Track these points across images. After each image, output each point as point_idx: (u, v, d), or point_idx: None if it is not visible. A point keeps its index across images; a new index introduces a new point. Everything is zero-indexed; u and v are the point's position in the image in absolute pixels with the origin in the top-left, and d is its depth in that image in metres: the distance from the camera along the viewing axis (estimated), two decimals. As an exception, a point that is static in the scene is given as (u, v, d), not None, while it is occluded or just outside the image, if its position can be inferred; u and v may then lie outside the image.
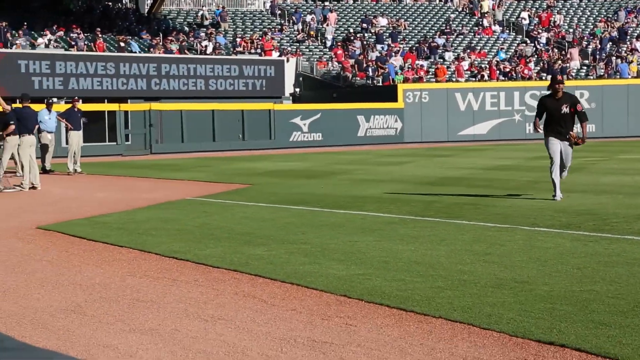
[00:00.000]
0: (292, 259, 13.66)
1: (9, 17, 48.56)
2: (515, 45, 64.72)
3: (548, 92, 21.70)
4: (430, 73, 59.26)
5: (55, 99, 36.23)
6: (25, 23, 50.96)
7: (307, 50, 61.98)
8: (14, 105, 29.52)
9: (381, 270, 12.48)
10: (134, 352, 8.69)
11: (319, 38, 63.98)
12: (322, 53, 62.07)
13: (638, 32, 65.26)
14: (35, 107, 31.36)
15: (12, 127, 27.10)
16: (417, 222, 17.74)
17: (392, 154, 44.21)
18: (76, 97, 38.23)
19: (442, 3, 72.35)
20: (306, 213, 20.01)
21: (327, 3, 69.90)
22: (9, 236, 17.67)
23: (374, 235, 15.98)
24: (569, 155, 20.73)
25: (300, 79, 58.10)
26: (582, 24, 68.07)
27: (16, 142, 28.12)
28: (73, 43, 51.54)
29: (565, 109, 20.26)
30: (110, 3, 62.80)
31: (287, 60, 57.26)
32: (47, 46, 49.86)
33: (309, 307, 10.47)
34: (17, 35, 49.44)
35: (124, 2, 64.14)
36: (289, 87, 56.27)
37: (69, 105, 36.14)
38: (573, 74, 58.75)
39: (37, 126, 30.20)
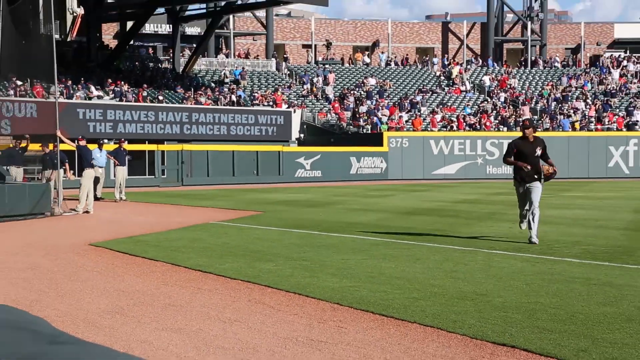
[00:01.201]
0: (295, 273, 13.67)
1: (70, 74, 48.68)
2: (479, 102, 64.91)
3: (520, 136, 18.61)
4: (409, 123, 59.39)
5: (105, 140, 36.30)
6: (83, 79, 51.11)
7: (311, 103, 62.17)
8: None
9: (367, 283, 12.51)
10: (165, 346, 8.69)
11: (320, 94, 64.12)
12: (322, 106, 62.24)
13: (577, 94, 65.48)
14: (90, 146, 31.54)
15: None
16: (397, 244, 17.76)
17: (378, 188, 44.25)
18: (122, 139, 38.38)
19: (420, 68, 72.57)
20: (307, 235, 20.01)
21: (327, 66, 70.14)
22: (66, 251, 17.69)
23: (362, 255, 16.00)
24: (537, 193, 17.94)
25: (304, 126, 58.25)
26: (532, 86, 68.29)
27: (92, 174, 28.53)
28: (121, 95, 51.65)
29: (538, 151, 17.95)
30: (151, 64, 63.00)
31: (294, 112, 57.40)
32: (100, 98, 49.96)
33: (308, 312, 10.48)
34: (76, 88, 49.59)
35: (162, 63, 64.28)
36: (295, 133, 56.43)
37: (117, 145, 36.27)
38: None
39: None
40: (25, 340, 2.68)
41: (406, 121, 59.80)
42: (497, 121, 60.76)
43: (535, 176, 17.72)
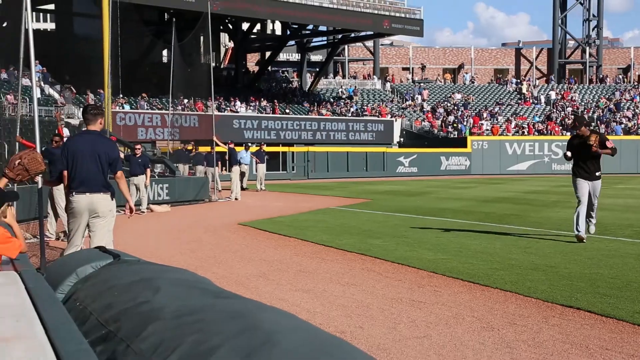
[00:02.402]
0: (398, 247, 13.60)
1: (223, 93, 49.43)
2: (546, 112, 63.52)
3: (574, 134, 14.87)
4: (489, 130, 58.53)
5: (250, 144, 36.73)
6: (232, 97, 51.82)
7: (408, 114, 61.75)
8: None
9: (457, 256, 12.35)
10: (298, 303, 8.72)
11: (416, 107, 63.65)
12: (418, 116, 61.78)
13: (628, 105, 63.52)
14: (237, 148, 32.01)
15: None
16: (480, 226, 17.49)
17: (462, 181, 43.74)
18: (262, 143, 38.79)
19: (497, 85, 71.38)
20: (407, 218, 19.87)
21: (422, 84, 69.65)
22: (221, 229, 17.99)
23: (451, 233, 15.81)
24: (597, 192, 14.42)
25: (404, 132, 57.94)
26: (590, 99, 66.47)
27: (239, 170, 29.24)
28: (261, 109, 52.22)
29: (594, 145, 14.02)
30: (284, 84, 63.51)
31: (395, 120, 57.24)
32: (247, 111, 50.58)
33: (409, 278, 10.40)
34: (228, 104, 50.30)
35: (293, 83, 64.73)
36: (396, 137, 56.27)
37: (258, 148, 36.63)
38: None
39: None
40: (198, 295, 2.70)
41: (486, 128, 58.93)
42: (560, 127, 59.41)
43: (597, 174, 14.33)
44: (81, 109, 37.54)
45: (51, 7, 50.73)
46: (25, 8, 9.11)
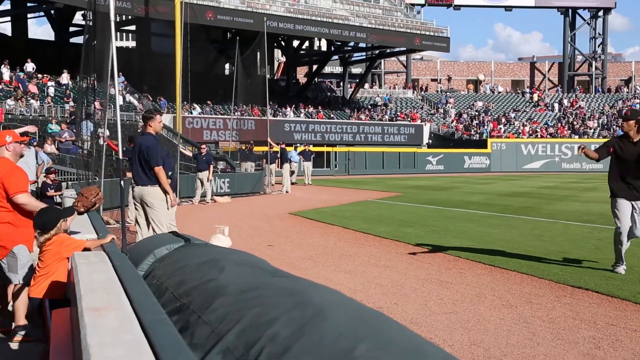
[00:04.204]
0: (427, 235, 13.52)
1: (276, 101, 49.55)
2: (556, 118, 62.57)
3: (621, 135, 9.24)
4: (506, 133, 57.85)
5: (298, 145, 36.73)
6: (284, 104, 51.93)
7: (436, 119, 61.24)
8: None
9: (479, 243, 12.24)
10: (341, 282, 8.72)
11: (443, 113, 63.11)
12: (444, 121, 61.26)
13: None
14: (288, 148, 32.07)
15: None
16: (499, 217, 17.29)
17: (483, 178, 43.29)
18: (307, 144, 38.75)
19: (514, 94, 70.45)
20: (435, 210, 19.74)
21: (448, 93, 69.08)
22: (274, 217, 18.04)
23: (474, 223, 15.66)
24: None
25: (432, 135, 57.45)
26: (595, 107, 65.29)
27: (289, 167, 29.45)
28: (309, 115, 52.24)
29: None
30: (329, 93, 63.41)
31: (425, 125, 56.81)
32: (296, 116, 50.65)
33: (438, 262, 10.33)
34: (280, 110, 50.39)
35: (336, 93, 64.62)
36: (425, 139, 55.84)
37: (304, 148, 36.60)
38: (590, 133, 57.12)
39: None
40: (257, 274, 2.71)
41: (504, 131, 58.24)
42: (569, 131, 58.51)
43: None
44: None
45: (132, 27, 51.36)
46: (111, 29, 9.22)
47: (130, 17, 42.78)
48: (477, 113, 62.97)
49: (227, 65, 53.43)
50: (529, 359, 5.52)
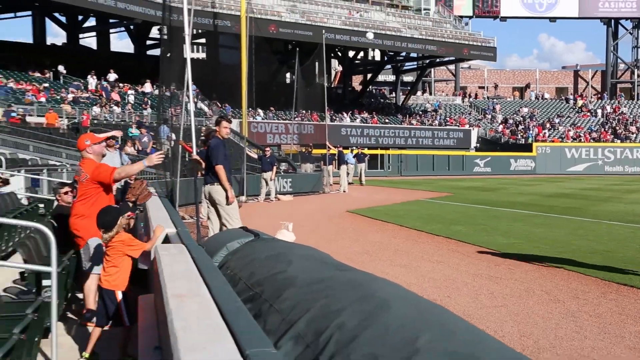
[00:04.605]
0: (476, 233, 13.32)
1: (333, 107, 49.54)
2: (599, 123, 60.96)
3: None
4: (551, 137, 56.65)
5: (354, 148, 36.54)
6: (341, 110, 51.91)
7: (484, 124, 60.35)
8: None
9: (526, 241, 11.99)
10: (397, 276, 8.65)
11: (490, 118, 62.15)
12: (491, 126, 60.33)
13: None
14: (344, 151, 32.01)
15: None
16: (544, 216, 16.91)
17: (528, 180, 42.43)
18: (361, 147, 38.58)
19: (558, 101, 68.91)
20: (483, 209, 19.43)
21: (495, 100, 68.02)
22: (333, 215, 18.03)
23: (520, 222, 15.35)
24: None
25: (479, 139, 56.64)
26: (637, 112, 63.40)
27: (346, 168, 29.24)
28: (364, 120, 52.09)
29: None
30: (382, 100, 63.12)
31: (473, 129, 56.07)
32: (352, 121, 50.56)
33: (487, 258, 10.17)
34: (337, 115, 50.39)
35: (388, 99, 64.28)
36: (473, 143, 55.08)
37: (358, 151, 36.40)
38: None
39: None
40: (322, 267, 2.70)
41: (548, 136, 57.05)
42: (612, 136, 56.97)
43: None
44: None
45: (203, 41, 52.10)
46: (185, 42, 9.36)
47: (200, 31, 43.36)
48: (522, 118, 61.84)
49: (288, 75, 53.70)
50: (577, 351, 5.38)
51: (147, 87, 39.47)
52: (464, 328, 1.96)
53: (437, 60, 59.43)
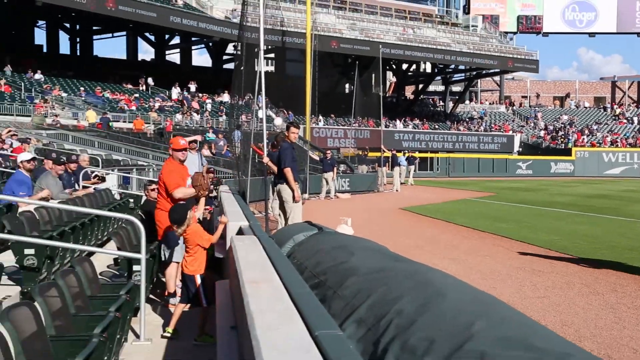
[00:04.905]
0: (520, 230, 12.99)
1: (387, 114, 49.18)
2: (635, 130, 58.72)
3: None
4: (589, 143, 54.87)
5: (406, 151, 36.15)
6: (395, 118, 51.53)
7: (526, 130, 58.91)
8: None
9: (567, 238, 11.62)
10: (446, 268, 8.49)
11: (532, 125, 60.62)
12: (533, 132, 58.84)
13: None
14: (398, 154, 31.75)
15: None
16: (584, 215, 16.36)
17: (568, 182, 41.15)
18: (411, 151, 38.16)
19: (596, 109, 66.69)
20: (526, 208, 18.95)
21: (537, 108, 66.32)
22: (387, 212, 17.91)
23: (562, 221, 14.90)
24: None
25: (522, 144, 55.30)
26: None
27: (398, 170, 29.03)
28: (415, 126, 51.57)
29: None
30: (432, 108, 62.39)
31: (516, 135, 54.81)
32: (404, 127, 50.10)
33: (530, 253, 9.92)
34: (391, 122, 50.06)
35: (438, 107, 63.45)
36: (516, 148, 53.82)
37: (409, 154, 36.00)
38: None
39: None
40: (381, 258, 2.67)
41: (587, 141, 55.28)
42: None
43: None
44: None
45: (272, 55, 52.64)
46: (261, 58, 9.47)
47: (270, 47, 43.79)
48: (562, 125, 60.13)
49: (347, 85, 53.64)
50: (616, 340, 5.17)
51: (224, 97, 40.11)
52: (516, 316, 1.93)
53: (484, 72, 58.37)
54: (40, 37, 58.42)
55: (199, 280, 5.34)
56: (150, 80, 38.76)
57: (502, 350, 1.55)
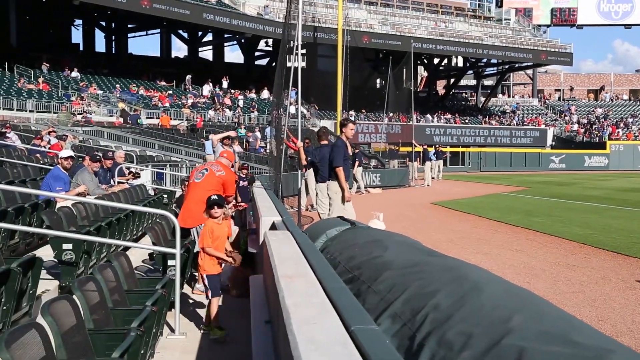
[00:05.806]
0: (554, 224, 12.78)
1: (419, 109, 48.70)
2: (673, 122, 57.31)
3: None
4: (624, 136, 53.66)
5: (436, 146, 35.74)
6: (426, 112, 51.13)
7: (559, 123, 57.91)
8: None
9: (602, 232, 11.39)
10: (479, 263, 8.38)
11: (565, 118, 59.52)
12: (566, 124, 57.78)
13: None
14: (429, 148, 31.51)
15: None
16: (619, 209, 16.02)
17: (602, 175, 40.30)
18: (440, 145, 37.71)
19: (631, 102, 65.15)
20: (559, 202, 18.62)
21: (570, 101, 65.11)
22: (419, 206, 17.78)
23: (596, 215, 14.61)
24: None
25: (555, 137, 54.37)
26: None
27: (430, 164, 28.84)
28: (447, 120, 51.08)
29: None
30: (464, 102, 61.74)
31: (549, 129, 53.92)
32: (436, 121, 49.69)
33: (564, 247, 9.73)
34: (422, 116, 49.65)
35: (470, 102, 62.72)
36: (549, 141, 52.94)
37: (439, 148, 35.53)
38: None
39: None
40: (416, 253, 2.65)
41: (622, 135, 54.06)
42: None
43: None
44: (320, 120, 38.76)
45: (304, 51, 52.76)
46: (290, 53, 9.49)
47: (303, 42, 43.93)
48: (597, 118, 58.91)
49: (378, 80, 53.39)
50: (655, 337, 5.05)
51: (263, 94, 40.28)
52: (554, 310, 1.89)
53: (516, 65, 57.52)
54: (76, 36, 59.63)
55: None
56: (188, 77, 39.01)
57: (541, 345, 1.53)
